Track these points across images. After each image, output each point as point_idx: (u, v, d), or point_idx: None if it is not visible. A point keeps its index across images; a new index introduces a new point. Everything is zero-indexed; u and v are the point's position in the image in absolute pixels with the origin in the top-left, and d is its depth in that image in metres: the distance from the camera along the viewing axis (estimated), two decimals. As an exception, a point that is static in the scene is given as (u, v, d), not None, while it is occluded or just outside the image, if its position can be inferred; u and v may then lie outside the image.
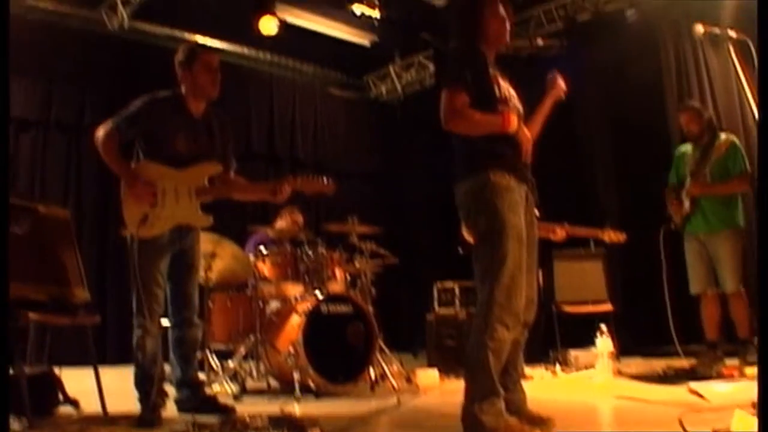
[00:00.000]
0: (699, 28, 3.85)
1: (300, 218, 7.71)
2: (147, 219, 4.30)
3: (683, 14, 8.41)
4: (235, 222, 8.95)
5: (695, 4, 7.95)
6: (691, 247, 6.47)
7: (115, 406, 4.41)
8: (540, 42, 4.13)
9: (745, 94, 3.56)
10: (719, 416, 3.39)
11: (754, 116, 3.51)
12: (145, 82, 4.60)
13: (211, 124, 4.66)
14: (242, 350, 5.97)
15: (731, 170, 6.30)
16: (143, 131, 4.45)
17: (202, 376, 4.98)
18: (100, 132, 4.41)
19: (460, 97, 3.58)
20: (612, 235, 6.84)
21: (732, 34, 3.69)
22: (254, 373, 6.06)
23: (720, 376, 5.35)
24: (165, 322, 4.60)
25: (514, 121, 3.58)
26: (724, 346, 6.33)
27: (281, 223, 7.62)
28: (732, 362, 5.95)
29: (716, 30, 3.80)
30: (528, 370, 6.36)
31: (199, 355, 4.96)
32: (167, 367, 4.72)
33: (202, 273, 5.85)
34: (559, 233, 6.52)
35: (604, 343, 5.94)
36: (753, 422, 3.01)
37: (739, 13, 7.07)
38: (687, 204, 6.40)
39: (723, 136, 6.50)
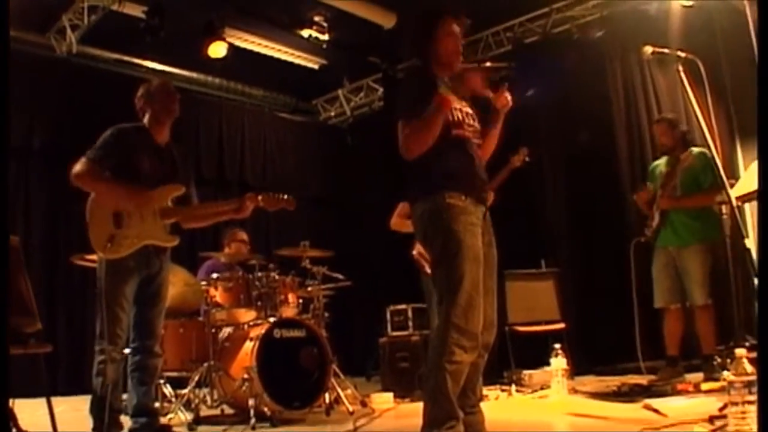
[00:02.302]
0: (647, 49, 3.91)
1: (245, 236, 7.59)
2: (113, 240, 4.31)
3: (630, 35, 8.56)
4: (185, 249, 8.86)
5: (641, 25, 8.11)
6: (659, 261, 6.44)
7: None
8: (488, 64, 4.13)
9: (694, 111, 3.63)
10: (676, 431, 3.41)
11: (703, 133, 3.58)
12: (94, 106, 4.58)
13: (173, 154, 4.73)
14: (196, 378, 5.88)
15: (702, 183, 6.24)
16: (115, 160, 4.47)
17: (156, 404, 4.88)
18: (79, 167, 4.42)
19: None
20: (519, 158, 6.69)
21: (680, 53, 3.75)
22: (208, 400, 5.97)
23: (675, 392, 5.38)
24: (127, 350, 4.53)
25: (447, 98, 3.55)
26: (684, 362, 6.38)
27: (231, 248, 7.50)
28: (691, 377, 5.99)
29: (665, 50, 3.86)
30: (483, 390, 6.36)
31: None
32: (124, 396, 4.64)
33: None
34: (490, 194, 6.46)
35: (558, 362, 5.94)
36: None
37: (684, 33, 7.21)
38: (657, 217, 6.38)
39: (695, 150, 6.35)
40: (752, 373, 2.57)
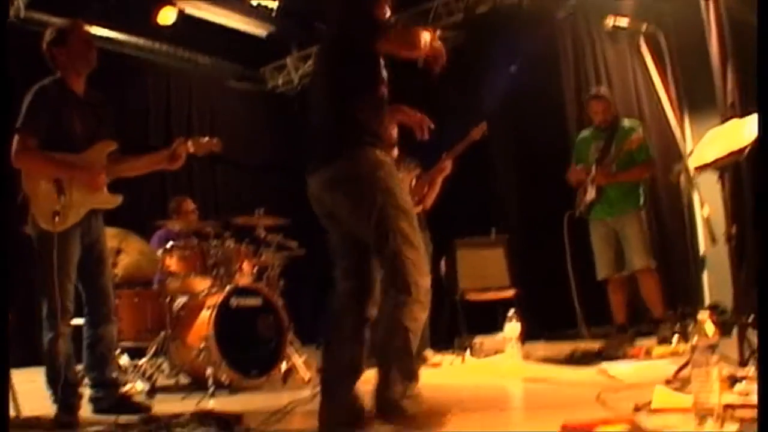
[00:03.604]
0: (609, 21, 3.95)
1: (192, 206, 7.53)
2: (59, 212, 4.14)
3: (579, 7, 8.63)
4: (134, 216, 8.78)
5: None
6: (597, 233, 6.60)
7: (27, 410, 4.27)
8: (439, 33, 4.12)
9: (653, 84, 3.69)
10: (634, 394, 3.50)
11: (662, 104, 3.65)
12: (41, 72, 4.43)
13: (94, 103, 4.55)
14: (153, 348, 5.86)
15: (636, 158, 6.46)
16: (45, 122, 4.28)
17: (114, 375, 4.85)
18: (16, 147, 4.24)
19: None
20: (478, 131, 6.74)
21: (642, 26, 3.80)
22: (165, 370, 5.95)
23: (627, 356, 5.51)
24: (76, 320, 4.46)
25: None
26: (633, 328, 6.54)
27: (181, 217, 7.40)
28: (641, 343, 6.13)
29: (624, 22, 3.91)
30: (437, 357, 6.44)
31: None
32: (80, 366, 4.60)
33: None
34: (448, 165, 6.54)
35: (512, 327, 6.02)
36: (673, 397, 3.13)
37: (634, 6, 7.28)
38: (593, 192, 6.52)
39: (627, 122, 6.66)
40: (715, 334, 2.67)
